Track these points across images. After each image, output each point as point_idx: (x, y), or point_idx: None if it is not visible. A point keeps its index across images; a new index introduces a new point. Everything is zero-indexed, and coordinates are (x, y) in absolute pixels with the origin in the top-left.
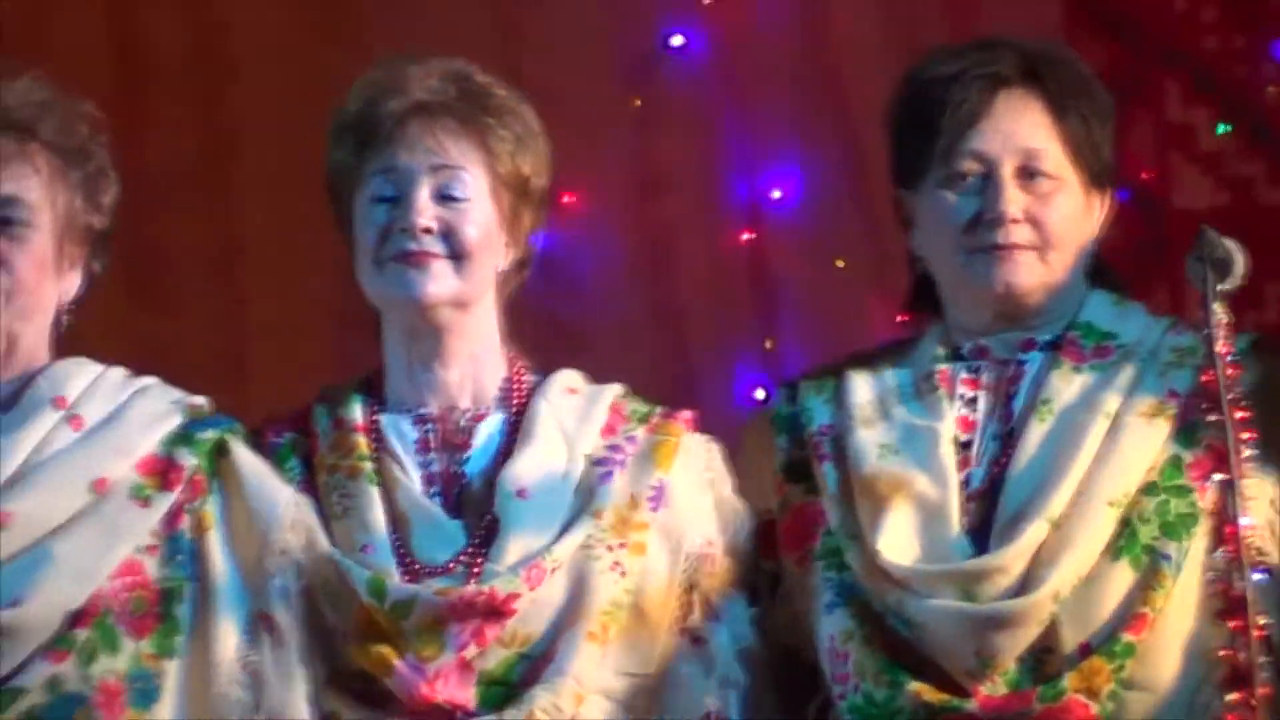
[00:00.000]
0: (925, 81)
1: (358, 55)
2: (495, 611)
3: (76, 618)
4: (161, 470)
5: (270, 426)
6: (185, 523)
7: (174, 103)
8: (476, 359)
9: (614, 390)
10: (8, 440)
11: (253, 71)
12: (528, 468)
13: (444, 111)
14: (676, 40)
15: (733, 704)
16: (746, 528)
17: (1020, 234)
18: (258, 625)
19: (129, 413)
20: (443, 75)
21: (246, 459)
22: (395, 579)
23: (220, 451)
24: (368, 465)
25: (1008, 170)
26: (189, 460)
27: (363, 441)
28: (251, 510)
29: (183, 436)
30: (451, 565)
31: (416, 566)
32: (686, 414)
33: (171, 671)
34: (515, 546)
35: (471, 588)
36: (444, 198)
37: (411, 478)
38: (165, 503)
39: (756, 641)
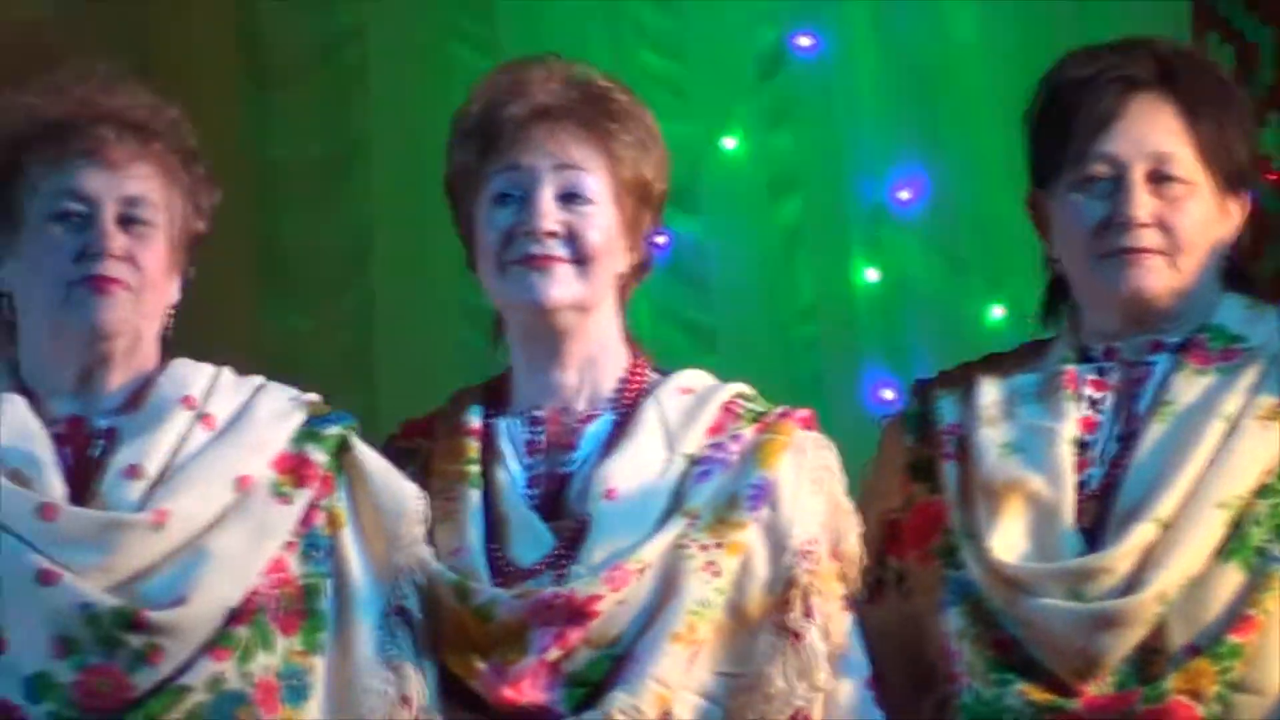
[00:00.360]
0: (1060, 84)
1: (487, 55)
2: (577, 614)
3: (235, 615)
4: (295, 467)
5: (402, 431)
6: (320, 519)
7: (304, 102)
8: (594, 361)
9: (731, 389)
10: (147, 440)
11: (382, 72)
12: (621, 468)
13: (566, 115)
14: (804, 40)
15: (817, 705)
16: (855, 529)
17: (1149, 238)
18: (393, 620)
19: (256, 410)
20: (565, 79)
21: (369, 455)
22: (482, 583)
23: (343, 448)
24: (473, 469)
25: (1138, 174)
26: (319, 457)
27: (473, 445)
28: (378, 506)
29: (309, 433)
30: (539, 567)
31: (508, 569)
32: (803, 412)
33: (318, 668)
34: (602, 548)
35: (550, 591)
36: (567, 200)
37: (515, 480)
38: (303, 499)
39: (856, 643)
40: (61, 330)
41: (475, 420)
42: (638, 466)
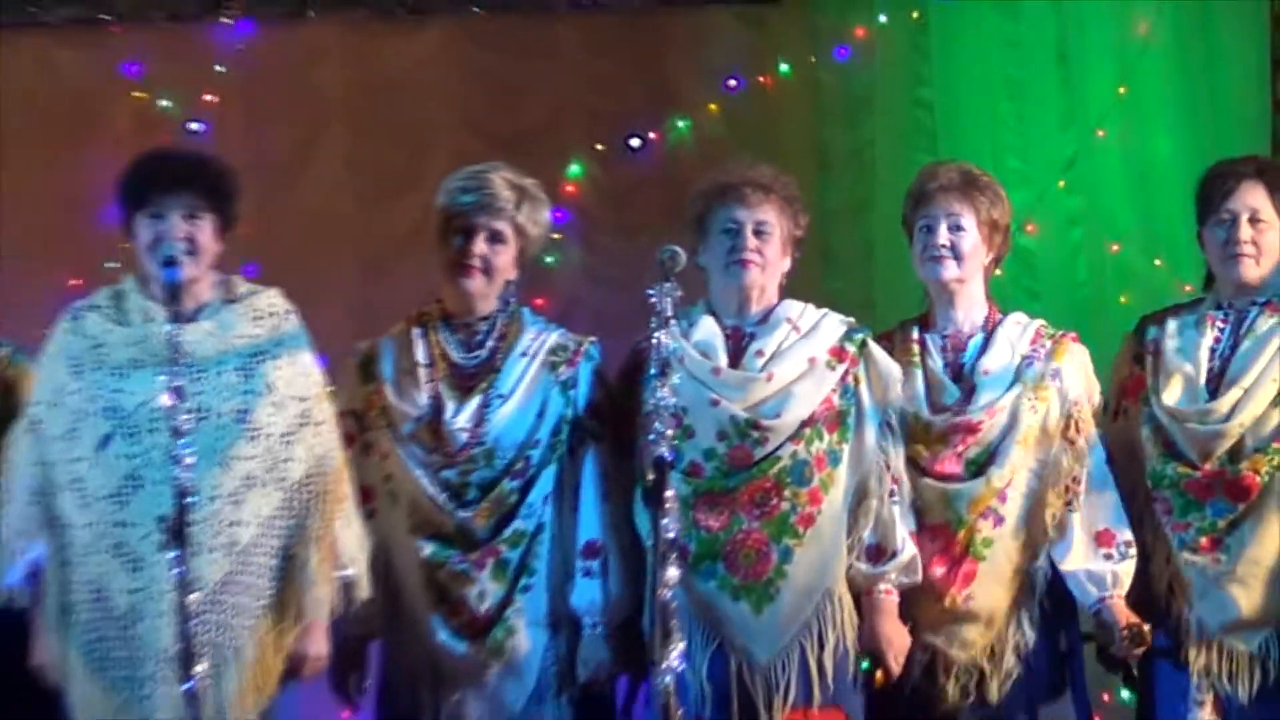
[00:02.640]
0: (1210, 175)
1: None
2: (970, 430)
3: (804, 423)
4: (838, 353)
5: (884, 335)
6: (850, 378)
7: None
8: (971, 307)
9: (1039, 321)
10: (768, 339)
11: None
12: (992, 359)
13: (953, 186)
14: None
15: (1083, 475)
16: (1098, 395)
17: (1247, 249)
18: (885, 427)
19: (822, 324)
20: (959, 169)
21: (875, 348)
22: (926, 413)
23: (864, 344)
24: (917, 358)
25: (1244, 219)
26: (850, 348)
27: (915, 347)
28: (879, 373)
29: (846, 335)
30: (954, 406)
31: (939, 407)
32: (1073, 333)
33: (845, 449)
34: (983, 398)
35: (954, 418)
36: (954, 230)
37: (938, 365)
38: (841, 369)
39: (1099, 443)
40: (727, 285)
41: (915, 335)
42: (1000, 359)
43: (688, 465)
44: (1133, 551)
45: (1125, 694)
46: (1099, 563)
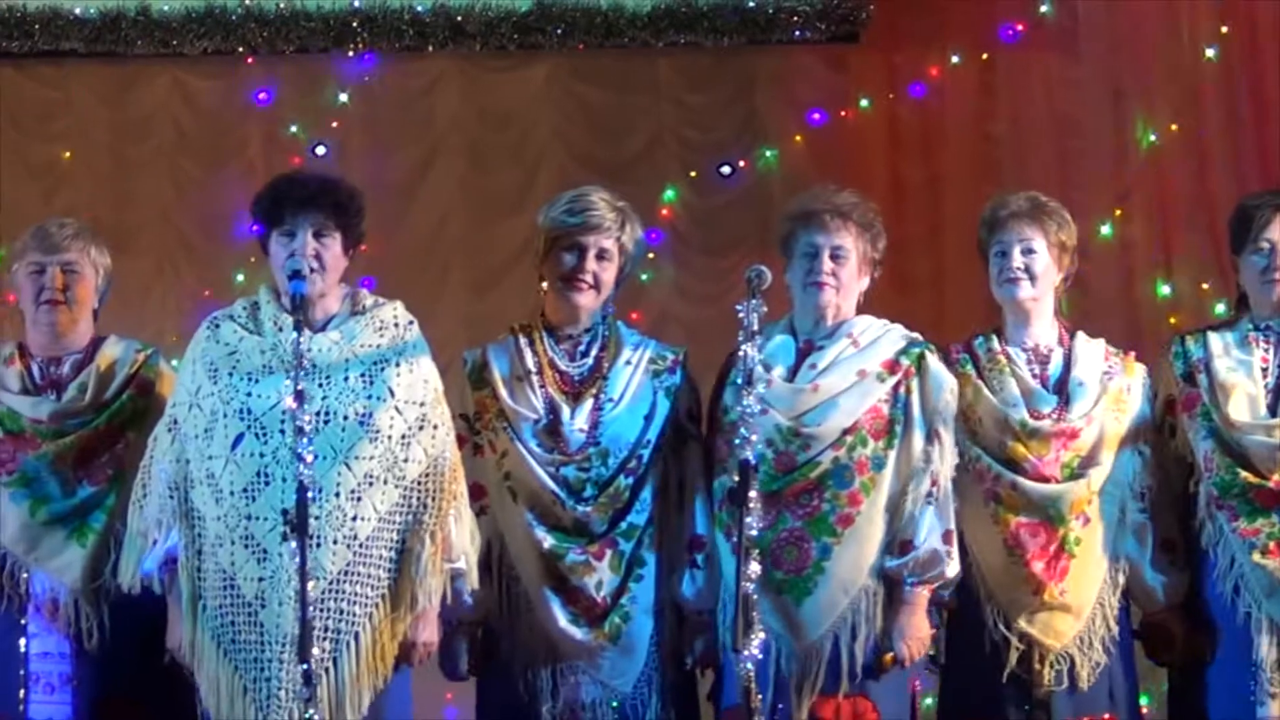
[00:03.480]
0: (1245, 207)
1: None
2: (1071, 435)
3: (846, 431)
4: (891, 366)
5: (952, 346)
6: (901, 389)
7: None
8: (1045, 323)
9: (1101, 341)
10: (827, 352)
11: None
12: (1082, 371)
13: (1023, 213)
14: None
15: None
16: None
17: None
18: (932, 433)
19: (884, 337)
20: (1028, 197)
21: (933, 359)
22: (1029, 420)
23: (921, 357)
24: (1006, 367)
25: None
26: (905, 361)
27: (1003, 358)
28: (933, 385)
29: (904, 350)
30: (1051, 413)
31: (1037, 415)
32: (1134, 352)
33: (891, 455)
34: (1079, 406)
35: (1055, 424)
36: (1026, 254)
37: (1024, 375)
38: (893, 381)
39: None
40: (805, 303)
41: (997, 347)
42: (1086, 373)
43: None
44: (1185, 561)
45: (1144, 699)
46: (1167, 570)
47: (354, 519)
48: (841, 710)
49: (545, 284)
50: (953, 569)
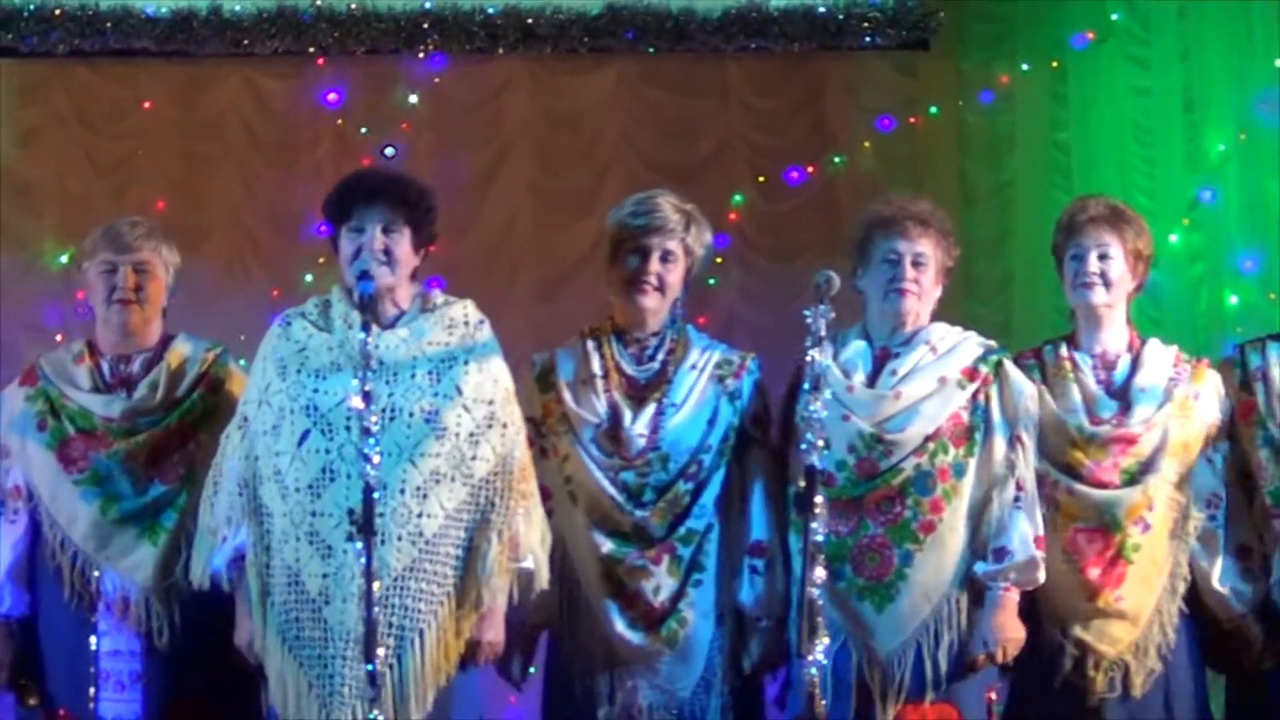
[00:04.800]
0: None
1: None
2: (1129, 441)
3: (928, 437)
4: (970, 373)
5: (1020, 354)
6: (981, 396)
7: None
8: (1117, 330)
9: (1174, 347)
10: (904, 360)
11: None
12: (1146, 378)
13: (1101, 219)
14: None
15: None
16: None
17: None
18: (1013, 438)
19: (961, 345)
20: (1107, 204)
21: (1011, 367)
22: (1087, 425)
23: (999, 364)
24: (1070, 374)
25: None
26: (984, 369)
27: (1068, 364)
28: (1012, 391)
29: (982, 357)
30: (1111, 419)
31: (1096, 420)
32: (1205, 360)
33: (972, 463)
34: (1140, 413)
35: (1113, 430)
36: (1102, 259)
37: (1089, 381)
38: (972, 388)
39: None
40: (884, 310)
41: (1065, 353)
42: (1151, 378)
43: (823, 475)
44: (1262, 567)
45: None
46: (1243, 577)
47: (419, 516)
48: (927, 717)
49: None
50: (1043, 574)
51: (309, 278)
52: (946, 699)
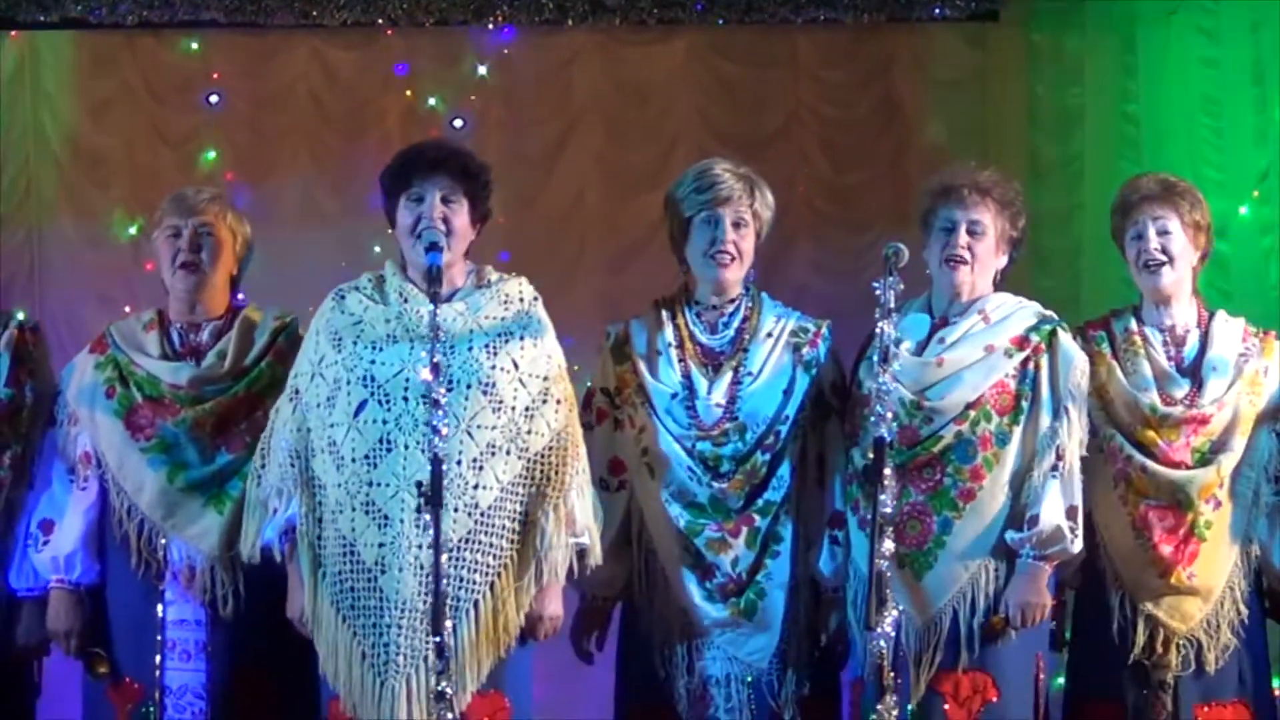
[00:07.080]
0: None
1: None
2: (1202, 421)
3: (970, 405)
4: (1020, 342)
5: (1089, 324)
6: (1030, 365)
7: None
8: (1184, 304)
9: (1241, 319)
10: (957, 327)
11: None
12: (1216, 354)
13: (1154, 195)
14: None
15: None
16: None
17: None
18: (1062, 411)
19: (1016, 314)
20: (1157, 179)
21: (1065, 337)
22: (1160, 405)
23: (1051, 336)
24: (1141, 349)
25: None
26: (1035, 337)
27: (1138, 339)
28: (1063, 362)
29: (1035, 326)
30: (1183, 399)
31: (1169, 400)
32: (1275, 332)
33: (1016, 431)
34: (1211, 391)
35: (1186, 411)
36: (1162, 234)
37: (1159, 357)
38: (1021, 356)
39: None
40: (941, 278)
41: (1135, 325)
42: (1220, 354)
43: (892, 446)
44: None
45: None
46: None
47: (476, 487)
48: (960, 684)
49: (686, 262)
50: (1076, 546)
51: (377, 248)
52: (981, 667)
